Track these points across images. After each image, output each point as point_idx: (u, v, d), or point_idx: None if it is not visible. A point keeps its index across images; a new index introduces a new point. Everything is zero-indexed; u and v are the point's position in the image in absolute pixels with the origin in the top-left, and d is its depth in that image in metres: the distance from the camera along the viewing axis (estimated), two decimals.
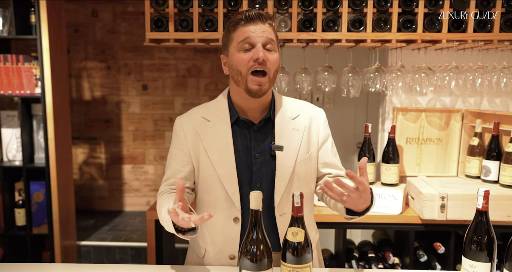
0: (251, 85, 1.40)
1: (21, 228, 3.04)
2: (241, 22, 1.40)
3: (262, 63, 1.38)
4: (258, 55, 1.37)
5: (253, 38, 1.39)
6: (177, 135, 1.54)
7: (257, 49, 1.38)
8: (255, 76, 1.39)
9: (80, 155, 4.65)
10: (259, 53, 1.37)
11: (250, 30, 1.39)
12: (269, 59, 1.39)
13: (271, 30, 1.42)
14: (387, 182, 2.36)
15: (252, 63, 1.38)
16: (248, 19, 1.40)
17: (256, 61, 1.38)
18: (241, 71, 1.41)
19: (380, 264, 2.39)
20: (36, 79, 2.92)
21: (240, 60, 1.40)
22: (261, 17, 1.41)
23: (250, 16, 1.40)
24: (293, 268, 1.23)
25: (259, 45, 1.38)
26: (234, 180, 1.46)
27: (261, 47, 1.39)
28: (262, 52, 1.37)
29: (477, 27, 2.14)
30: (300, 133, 1.51)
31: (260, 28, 1.39)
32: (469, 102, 2.55)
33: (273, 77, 1.43)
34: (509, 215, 2.10)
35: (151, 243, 2.30)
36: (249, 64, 1.39)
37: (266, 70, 1.39)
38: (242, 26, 1.40)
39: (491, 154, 2.29)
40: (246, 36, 1.39)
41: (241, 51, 1.40)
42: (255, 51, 1.38)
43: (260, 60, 1.37)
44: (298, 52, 2.41)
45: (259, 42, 1.39)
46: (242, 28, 1.40)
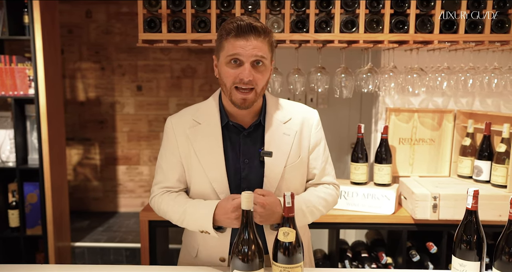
0: (234, 98, 1.39)
1: (14, 229, 3.03)
2: (232, 32, 1.35)
3: (247, 83, 1.35)
4: (243, 76, 1.34)
5: (242, 56, 1.34)
6: (168, 137, 1.53)
7: (244, 69, 1.34)
8: (238, 91, 1.38)
9: (74, 156, 4.64)
10: (245, 74, 1.34)
11: (240, 46, 1.34)
12: (255, 78, 1.36)
13: (263, 45, 1.36)
14: (380, 182, 2.37)
15: (238, 79, 1.36)
16: (240, 31, 1.34)
17: (241, 80, 1.35)
18: (226, 83, 1.39)
19: (373, 264, 2.40)
20: (29, 80, 2.91)
21: (227, 74, 1.38)
22: (254, 30, 1.34)
23: (242, 29, 1.33)
24: (284, 268, 1.24)
25: (247, 65, 1.35)
26: (225, 184, 1.46)
27: (249, 66, 1.35)
28: (248, 72, 1.34)
29: (468, 28, 2.15)
30: (290, 138, 1.49)
31: (251, 44, 1.34)
32: (461, 103, 2.57)
33: (261, 90, 1.41)
34: (501, 215, 2.11)
35: (144, 244, 2.30)
36: (235, 80, 1.37)
37: (251, 87, 1.37)
38: (233, 38, 1.35)
39: (482, 154, 2.31)
40: (235, 52, 1.34)
41: (228, 64, 1.37)
42: (241, 70, 1.35)
43: (245, 81, 1.35)
44: (291, 53, 2.42)
45: (247, 61, 1.35)
46: (233, 41, 1.35)
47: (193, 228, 1.46)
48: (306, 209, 1.47)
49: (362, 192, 2.31)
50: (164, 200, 1.51)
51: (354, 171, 2.38)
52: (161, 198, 1.53)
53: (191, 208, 1.44)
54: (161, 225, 2.31)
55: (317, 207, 1.50)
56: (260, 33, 1.35)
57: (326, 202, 1.53)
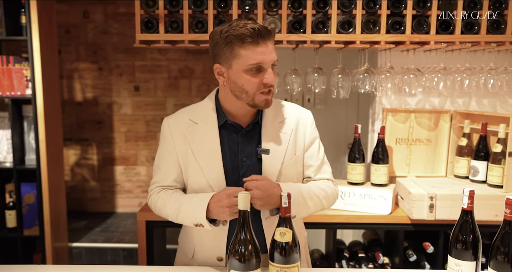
0: (258, 101, 1.42)
1: (11, 230, 3.03)
2: (249, 38, 1.33)
3: (271, 85, 1.40)
4: (269, 81, 1.38)
5: (265, 64, 1.37)
6: (164, 137, 1.54)
7: (269, 74, 1.38)
8: (262, 94, 1.41)
9: (71, 157, 4.64)
10: (271, 79, 1.39)
11: (261, 53, 1.35)
12: (274, 79, 1.41)
13: (274, 47, 1.41)
14: (377, 183, 2.38)
15: (262, 86, 1.39)
16: (259, 37, 1.34)
17: (266, 85, 1.39)
18: (248, 91, 1.40)
19: (370, 264, 2.40)
20: (26, 80, 2.91)
21: (249, 82, 1.39)
22: (270, 34, 1.38)
23: (261, 33, 1.34)
24: (281, 268, 1.25)
25: (270, 70, 1.39)
26: (222, 183, 1.47)
27: (271, 71, 1.40)
28: (273, 77, 1.39)
29: (464, 29, 2.16)
30: (287, 136, 1.52)
31: (269, 49, 1.37)
32: (457, 103, 2.58)
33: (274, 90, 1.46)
34: (497, 215, 2.13)
35: (142, 245, 2.30)
36: (259, 87, 1.39)
37: (272, 89, 1.42)
38: (252, 45, 1.34)
39: (479, 154, 2.32)
40: (260, 60, 1.36)
41: (249, 72, 1.38)
42: (266, 75, 1.38)
43: (269, 85, 1.39)
44: (288, 53, 2.43)
45: (270, 66, 1.39)
46: (254, 48, 1.35)
47: (187, 222, 1.45)
48: (307, 196, 1.47)
49: (359, 192, 2.31)
50: (161, 197, 1.52)
51: (351, 171, 2.39)
52: (158, 196, 1.54)
53: (187, 200, 1.45)
54: (158, 225, 2.31)
55: (317, 196, 1.51)
56: (271, 35, 1.39)
57: (326, 193, 1.54)
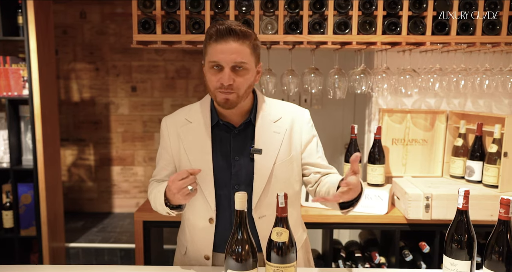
0: (218, 99, 1.43)
1: (8, 230, 3.03)
2: (213, 37, 1.37)
3: (227, 87, 1.39)
4: (223, 81, 1.38)
5: (222, 62, 1.37)
6: (162, 136, 1.59)
7: (224, 74, 1.38)
8: (221, 92, 1.41)
9: (68, 157, 4.64)
10: (225, 79, 1.37)
11: (219, 51, 1.36)
12: (237, 81, 1.39)
13: (243, 48, 1.37)
14: (373, 183, 2.39)
15: (219, 84, 1.39)
16: (219, 35, 1.36)
17: (222, 85, 1.39)
18: (210, 87, 1.44)
19: (366, 263, 2.42)
20: (23, 81, 2.91)
21: (210, 79, 1.42)
22: (233, 34, 1.36)
23: (221, 32, 1.35)
24: (277, 268, 1.25)
25: (227, 70, 1.38)
26: (210, 182, 1.49)
27: (229, 71, 1.38)
28: (228, 77, 1.37)
29: (460, 30, 2.17)
30: (280, 136, 1.51)
31: (230, 49, 1.36)
32: (453, 104, 2.59)
33: (245, 92, 1.44)
34: (492, 215, 2.14)
35: (139, 245, 2.30)
36: (216, 85, 1.40)
37: (232, 91, 1.40)
38: (214, 43, 1.37)
39: (474, 154, 2.33)
40: (216, 58, 1.37)
41: (211, 69, 1.40)
42: (222, 75, 1.38)
43: (225, 86, 1.38)
44: (284, 54, 2.44)
45: (227, 66, 1.37)
46: (214, 46, 1.37)
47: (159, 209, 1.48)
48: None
49: None
50: (150, 187, 1.59)
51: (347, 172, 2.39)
52: (149, 189, 1.60)
53: (154, 191, 1.49)
54: (155, 225, 2.32)
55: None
56: (239, 36, 1.37)
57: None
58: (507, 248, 1.23)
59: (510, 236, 1.24)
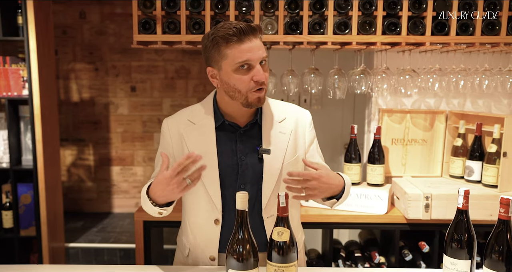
0: (251, 99, 1.42)
1: (8, 230, 3.03)
2: (234, 38, 1.35)
3: (262, 84, 1.40)
4: (260, 78, 1.39)
5: (252, 61, 1.38)
6: (163, 137, 1.57)
7: (258, 71, 1.39)
8: (255, 92, 1.41)
9: (68, 157, 4.64)
10: (261, 76, 1.39)
11: (247, 50, 1.36)
12: (266, 76, 1.42)
13: (261, 43, 1.41)
14: (373, 183, 2.40)
15: (253, 84, 1.40)
16: (242, 34, 1.35)
17: (257, 82, 1.39)
18: (240, 90, 1.41)
19: (366, 263, 2.42)
20: (23, 81, 2.91)
21: (240, 80, 1.40)
22: (254, 31, 1.38)
23: (244, 31, 1.35)
24: (278, 267, 1.26)
25: (259, 67, 1.39)
26: (216, 182, 1.49)
27: (260, 67, 1.40)
28: (263, 73, 1.39)
29: (459, 30, 2.18)
30: (286, 136, 1.53)
31: (255, 45, 1.38)
32: (452, 104, 2.60)
33: (267, 87, 1.47)
34: (492, 214, 2.15)
35: (139, 245, 2.31)
36: (250, 85, 1.40)
37: (264, 87, 1.42)
38: (237, 43, 1.36)
39: (474, 154, 2.34)
40: (246, 58, 1.36)
41: (238, 70, 1.39)
42: (255, 72, 1.39)
43: (261, 82, 1.39)
44: (284, 54, 2.44)
45: (257, 62, 1.39)
46: (238, 46, 1.36)
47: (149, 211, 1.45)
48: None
49: (355, 192, 2.33)
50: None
51: (347, 171, 2.40)
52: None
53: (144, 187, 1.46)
54: (155, 225, 2.32)
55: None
56: (257, 32, 1.40)
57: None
58: (507, 248, 1.24)
59: (510, 235, 1.24)
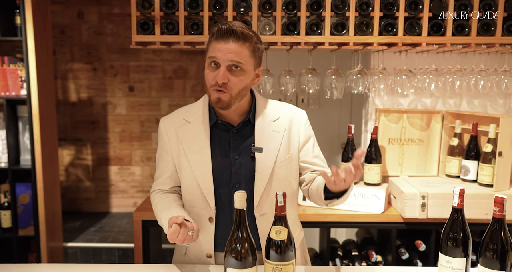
0: (212, 98, 1.45)
1: (6, 230, 3.04)
2: (214, 35, 1.41)
3: (221, 86, 1.41)
4: (217, 79, 1.40)
5: (218, 59, 1.40)
6: (161, 136, 1.60)
7: (219, 72, 1.40)
8: (214, 91, 1.43)
9: (66, 157, 4.64)
10: (219, 77, 1.40)
11: (218, 49, 1.39)
12: (231, 81, 1.41)
13: (242, 50, 1.40)
14: (370, 182, 2.41)
15: (214, 81, 1.42)
16: (219, 35, 1.39)
17: (216, 82, 1.41)
18: (207, 86, 1.46)
19: (363, 262, 2.44)
20: (21, 81, 2.92)
21: (207, 76, 1.45)
22: (234, 34, 1.38)
23: (222, 32, 1.39)
24: (276, 266, 1.27)
25: (222, 68, 1.40)
26: (209, 181, 1.51)
27: (224, 69, 1.40)
28: (222, 75, 1.39)
29: (455, 31, 2.20)
30: (280, 135, 1.54)
31: (229, 48, 1.39)
32: (449, 104, 2.62)
33: (237, 94, 1.45)
34: (487, 213, 2.17)
35: (138, 244, 2.32)
36: (211, 82, 1.43)
37: (225, 90, 1.42)
38: (215, 41, 1.41)
39: (470, 154, 2.36)
40: (213, 55, 1.40)
41: (209, 66, 1.43)
42: (217, 72, 1.41)
43: (219, 83, 1.40)
44: (282, 54, 2.46)
45: (223, 64, 1.40)
46: (214, 43, 1.41)
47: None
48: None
49: (352, 192, 2.33)
50: (155, 200, 1.60)
51: None
52: (154, 197, 1.61)
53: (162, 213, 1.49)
54: (154, 225, 2.33)
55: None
56: (239, 37, 1.39)
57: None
58: (501, 246, 1.26)
59: (504, 233, 1.26)
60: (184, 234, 1.33)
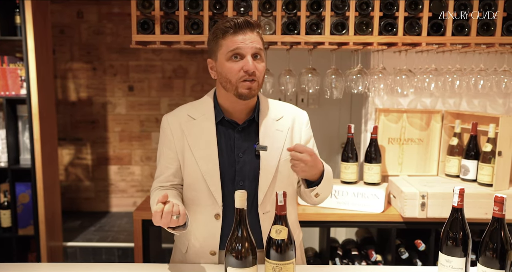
0: (241, 89, 1.44)
1: (6, 229, 3.04)
2: (230, 30, 1.42)
3: (252, 74, 1.42)
4: (249, 68, 1.41)
5: (243, 49, 1.42)
6: (164, 133, 1.59)
7: (247, 61, 1.42)
8: (245, 82, 1.44)
9: (66, 156, 4.64)
10: (250, 66, 1.41)
11: (239, 40, 1.42)
12: (258, 69, 1.44)
13: (259, 39, 1.46)
14: (370, 182, 2.41)
15: (242, 73, 1.43)
16: (238, 28, 1.42)
17: (246, 72, 1.42)
18: (230, 80, 1.45)
19: (363, 261, 2.44)
20: (21, 80, 2.92)
21: (231, 70, 1.44)
22: (250, 25, 1.43)
23: (240, 25, 1.42)
24: (276, 265, 1.28)
25: (249, 57, 1.42)
26: (216, 177, 1.51)
27: (251, 58, 1.42)
28: (252, 64, 1.42)
29: (455, 30, 2.20)
30: (283, 134, 1.55)
31: (249, 38, 1.43)
32: (448, 103, 2.62)
33: (262, 82, 1.49)
34: (487, 213, 2.17)
35: (138, 243, 2.32)
36: (240, 74, 1.43)
37: (255, 79, 1.44)
38: (232, 35, 1.43)
39: (469, 153, 2.36)
40: (236, 46, 1.42)
41: (230, 60, 1.44)
42: (245, 62, 1.42)
43: (250, 72, 1.42)
44: (282, 54, 2.46)
45: (248, 53, 1.42)
46: (232, 37, 1.42)
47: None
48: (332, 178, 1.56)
49: (352, 191, 2.35)
50: (153, 195, 1.58)
51: (344, 171, 2.42)
52: (153, 193, 1.60)
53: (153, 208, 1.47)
54: (154, 224, 2.33)
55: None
56: (254, 27, 1.45)
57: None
58: (501, 245, 1.26)
59: (504, 233, 1.27)
60: (167, 217, 1.31)
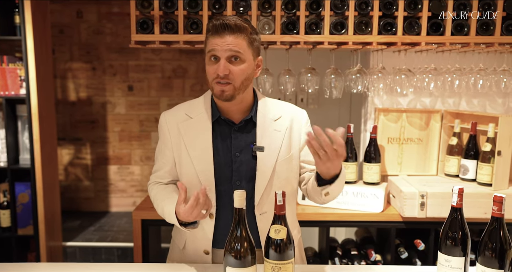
0: (215, 91, 1.46)
1: (5, 229, 3.03)
2: (210, 31, 1.44)
3: (223, 77, 1.42)
4: (218, 70, 1.42)
5: (218, 52, 1.42)
6: (162, 131, 1.60)
7: (219, 65, 1.42)
8: (218, 84, 1.45)
9: (65, 156, 4.64)
10: (220, 68, 1.42)
11: (215, 43, 1.42)
12: (233, 71, 1.43)
13: (239, 41, 1.42)
14: (369, 181, 2.42)
15: (215, 75, 1.44)
16: (215, 30, 1.43)
17: (218, 75, 1.42)
18: (208, 80, 1.48)
19: (362, 261, 2.44)
20: (20, 80, 2.92)
21: (207, 70, 1.47)
22: (229, 28, 1.41)
23: (216, 28, 1.42)
24: (276, 265, 1.28)
25: (222, 61, 1.42)
26: (210, 177, 1.51)
27: (224, 61, 1.42)
28: (223, 67, 1.41)
29: (454, 30, 2.20)
30: (281, 134, 1.55)
31: (226, 41, 1.41)
32: (448, 103, 2.62)
33: (241, 84, 1.46)
34: (486, 212, 2.17)
35: (137, 243, 2.32)
36: (213, 76, 1.45)
37: (229, 81, 1.44)
38: (211, 36, 1.44)
39: (469, 153, 2.36)
40: (212, 48, 1.43)
41: (209, 61, 1.46)
42: (218, 65, 1.43)
43: (221, 76, 1.42)
44: (281, 54, 2.46)
45: (223, 56, 1.42)
46: (210, 39, 1.44)
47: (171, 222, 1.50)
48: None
49: (352, 191, 2.35)
50: (153, 190, 1.60)
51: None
52: (152, 188, 1.62)
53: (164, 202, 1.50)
54: (153, 224, 2.33)
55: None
56: (233, 30, 1.42)
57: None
58: (500, 245, 1.26)
59: (503, 232, 1.27)
60: (198, 212, 1.35)
